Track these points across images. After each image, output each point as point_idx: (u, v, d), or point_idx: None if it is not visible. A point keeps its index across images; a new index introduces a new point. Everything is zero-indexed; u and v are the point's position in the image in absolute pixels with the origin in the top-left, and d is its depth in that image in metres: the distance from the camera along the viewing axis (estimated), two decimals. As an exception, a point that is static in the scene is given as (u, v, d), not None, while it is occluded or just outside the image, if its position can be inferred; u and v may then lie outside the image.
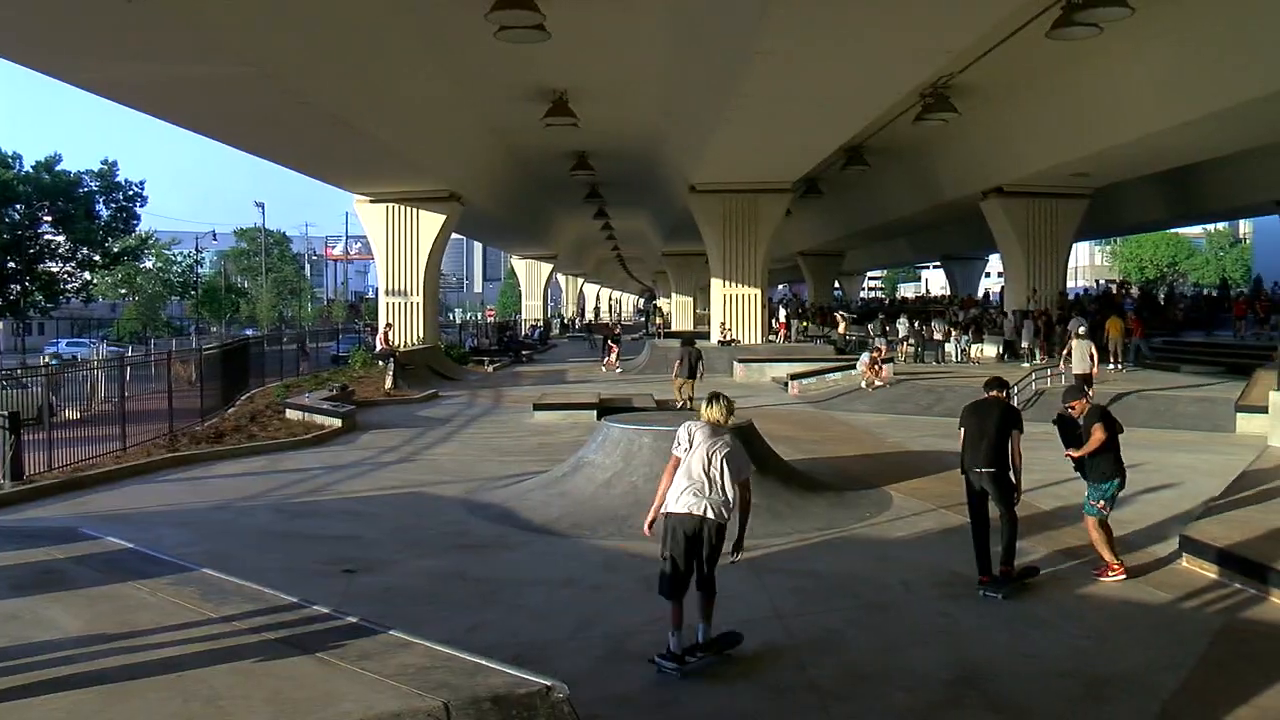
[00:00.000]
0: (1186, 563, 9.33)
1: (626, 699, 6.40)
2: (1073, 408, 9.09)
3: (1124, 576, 8.73)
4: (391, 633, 5.55)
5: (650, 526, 7.24)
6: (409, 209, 35.24)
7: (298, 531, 11.20)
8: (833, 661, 7.05)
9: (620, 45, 22.06)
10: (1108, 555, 8.80)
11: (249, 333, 54.63)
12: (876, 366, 25.71)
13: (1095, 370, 20.82)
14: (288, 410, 20.84)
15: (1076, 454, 8.88)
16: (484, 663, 5.10)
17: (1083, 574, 9.00)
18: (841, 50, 17.22)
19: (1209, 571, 9.03)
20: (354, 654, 5.17)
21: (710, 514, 6.72)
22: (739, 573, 9.18)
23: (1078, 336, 21.71)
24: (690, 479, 6.83)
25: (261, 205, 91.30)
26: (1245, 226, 79.25)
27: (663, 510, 6.96)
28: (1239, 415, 18.34)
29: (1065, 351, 21.87)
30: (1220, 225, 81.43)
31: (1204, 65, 19.77)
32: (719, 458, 6.86)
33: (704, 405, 7.19)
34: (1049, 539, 10.35)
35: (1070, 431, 9.00)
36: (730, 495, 6.83)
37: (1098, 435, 8.66)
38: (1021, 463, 8.64)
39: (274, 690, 4.69)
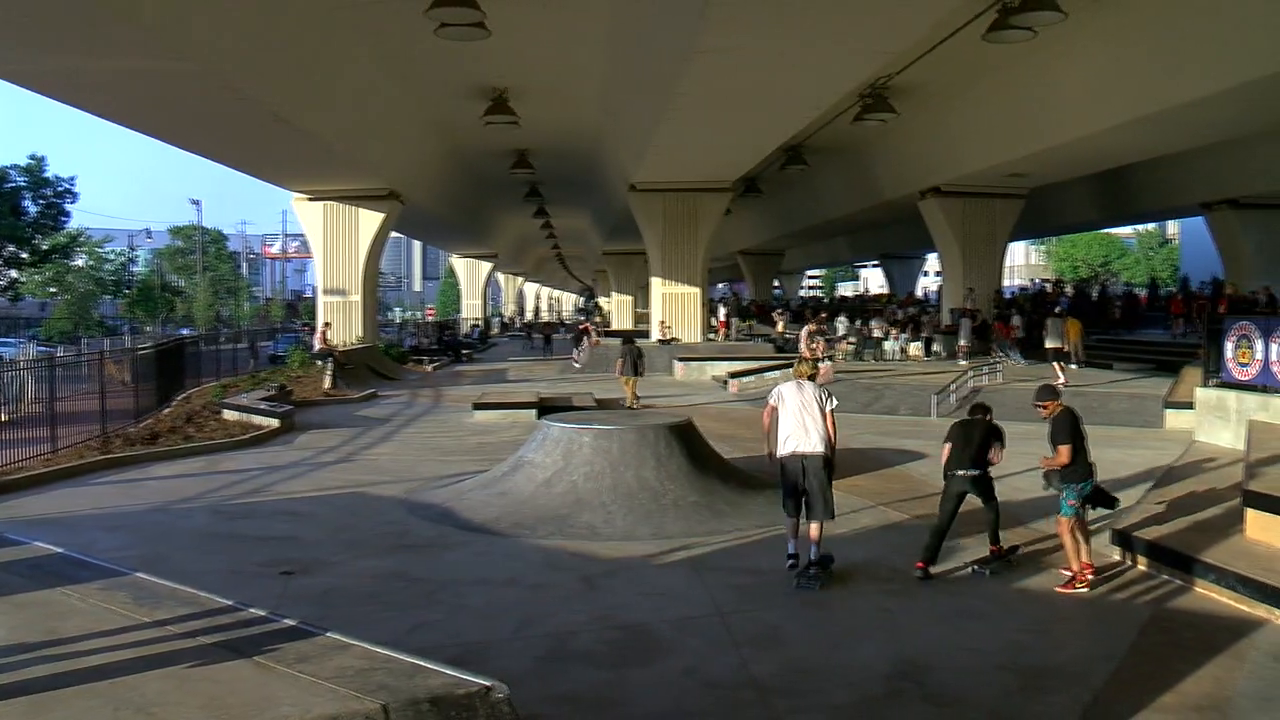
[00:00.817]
0: (1118, 555, 9.53)
1: (568, 698, 6.39)
2: (1044, 407, 9.00)
3: (1087, 590, 8.49)
4: (329, 634, 5.48)
5: (772, 458, 9.32)
6: (348, 207, 34.88)
7: (235, 533, 11.05)
8: (774, 658, 7.08)
9: (561, 43, 22.02)
10: (1076, 566, 8.57)
11: (185, 332, 53.75)
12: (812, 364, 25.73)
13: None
14: (225, 411, 20.55)
15: (1047, 467, 8.82)
16: (423, 664, 5.06)
17: (1020, 569, 9.13)
18: (781, 50, 17.30)
19: (1139, 563, 9.25)
20: (291, 657, 5.10)
21: (807, 451, 8.89)
22: (680, 571, 9.26)
23: (1054, 316, 24.36)
24: (789, 428, 9.03)
25: (198, 203, 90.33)
26: (1173, 227, 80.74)
27: (776, 454, 9.14)
28: (1167, 411, 18.70)
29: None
30: (1150, 226, 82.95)
31: (1134, 71, 20.12)
32: (811, 407, 9.07)
33: (795, 364, 10.77)
34: (984, 534, 10.46)
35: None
36: (821, 433, 8.98)
37: (1064, 454, 8.55)
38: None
39: (209, 696, 4.61)
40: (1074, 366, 25.39)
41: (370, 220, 35.12)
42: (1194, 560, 8.71)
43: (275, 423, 19.27)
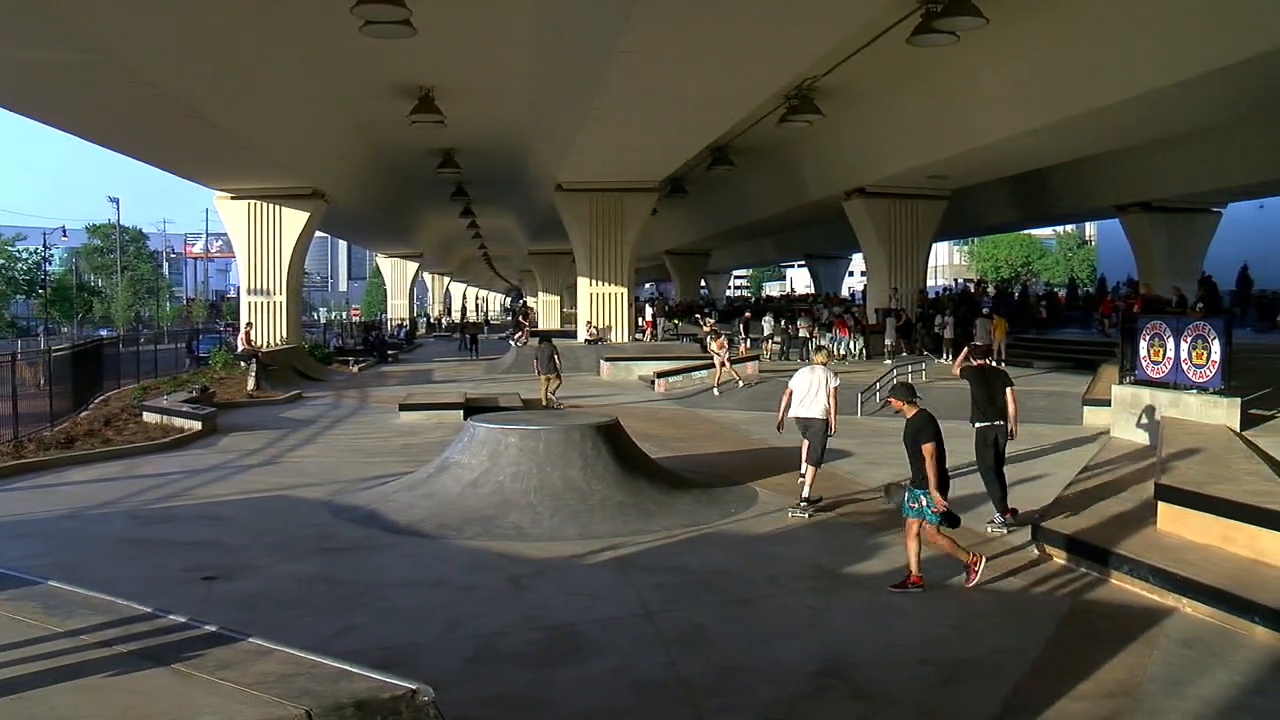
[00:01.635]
0: (1039, 550, 9.73)
1: (496, 699, 6.36)
2: (895, 405, 9.02)
3: (981, 566, 8.64)
4: (251, 640, 5.37)
5: (781, 426, 12.43)
6: (271, 206, 34.38)
7: (155, 539, 10.83)
8: (701, 656, 7.11)
9: (487, 43, 21.90)
10: (964, 555, 8.66)
11: (104, 333, 52.57)
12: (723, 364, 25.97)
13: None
14: (145, 413, 20.16)
15: (931, 478, 8.46)
16: (348, 668, 4.99)
17: (944, 565, 9.26)
18: (706, 51, 17.36)
19: (1059, 557, 9.47)
20: (212, 664, 4.99)
21: (810, 416, 11.91)
22: (607, 571, 9.26)
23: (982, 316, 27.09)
24: (802, 398, 11.97)
25: (116, 200, 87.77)
26: (1091, 229, 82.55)
27: (790, 415, 12.14)
28: (1085, 408, 19.12)
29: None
30: (1069, 227, 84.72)
31: (1051, 76, 20.55)
32: (818, 385, 11.94)
33: (814, 353, 14.20)
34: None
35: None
36: (823, 404, 11.90)
37: (931, 463, 8.41)
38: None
39: (124, 706, 4.49)
40: (999, 365, 25.89)
41: (294, 219, 34.67)
42: (1109, 553, 8.96)
43: (197, 425, 18.95)
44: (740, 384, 25.10)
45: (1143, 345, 17.14)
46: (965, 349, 11.94)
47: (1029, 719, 5.95)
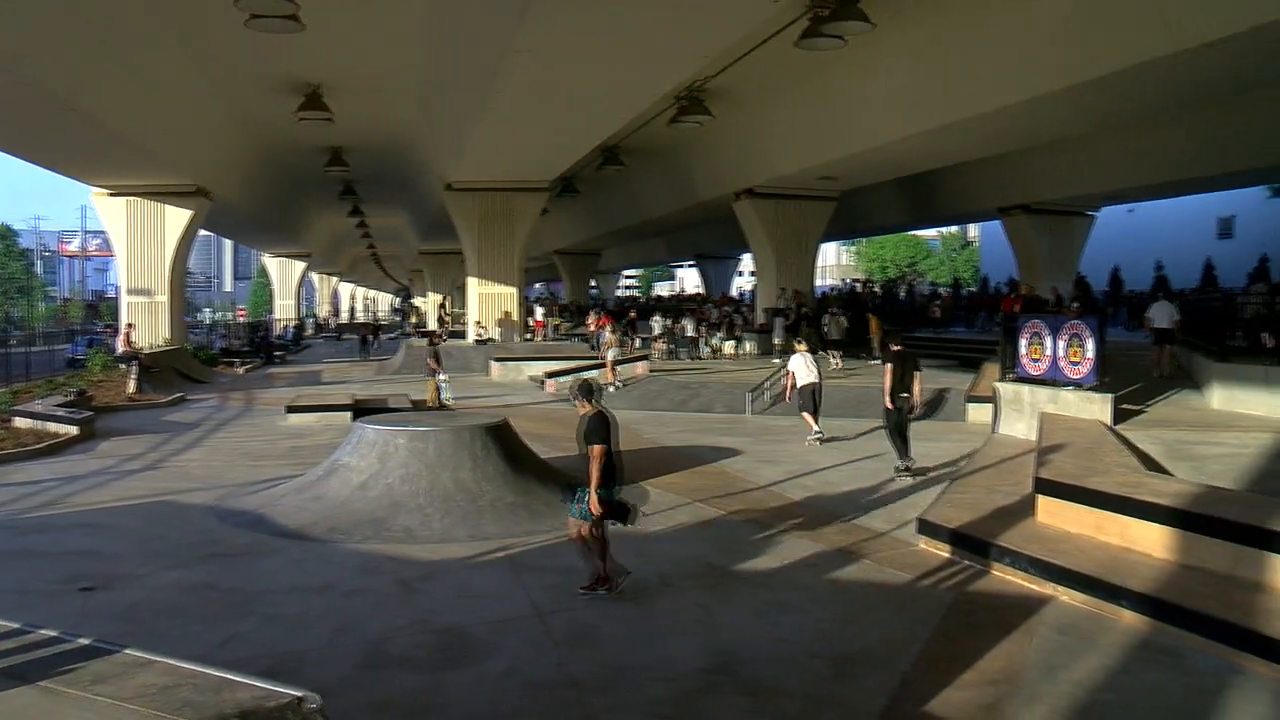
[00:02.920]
0: (924, 544, 9.97)
1: (385, 704, 6.28)
2: (577, 404, 8.96)
3: (606, 592, 8.43)
4: (128, 652, 5.19)
5: (789, 396, 18.07)
6: (152, 203, 33.40)
7: (26, 549, 10.40)
8: (591, 656, 7.11)
9: (378, 40, 21.59)
10: (603, 566, 8.52)
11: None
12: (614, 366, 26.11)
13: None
14: (16, 419, 19.38)
15: (594, 479, 8.29)
16: (231, 677, 4.87)
17: (832, 560, 9.43)
18: (600, 51, 17.37)
19: (942, 551, 9.70)
20: (87, 678, 4.81)
21: (815, 380, 17.11)
22: (498, 572, 9.22)
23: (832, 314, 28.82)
24: (805, 376, 17.18)
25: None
26: (974, 230, 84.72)
27: (797, 385, 17.27)
28: (969, 405, 19.62)
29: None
30: (953, 229, 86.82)
31: (934, 82, 21.05)
32: (810, 363, 17.34)
33: (795, 343, 18.35)
34: (797, 527, 10.79)
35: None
36: (819, 373, 17.42)
37: (596, 465, 8.32)
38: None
39: (-16, 729, 4.32)
40: (876, 361, 26.80)
41: (177, 217, 33.75)
42: (991, 545, 9.24)
43: (74, 430, 18.33)
44: (611, 387, 24.48)
45: (1023, 343, 17.67)
46: (883, 337, 13.97)
47: (917, 708, 6.08)
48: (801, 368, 17.44)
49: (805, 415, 17.26)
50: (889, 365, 13.98)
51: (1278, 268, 33.71)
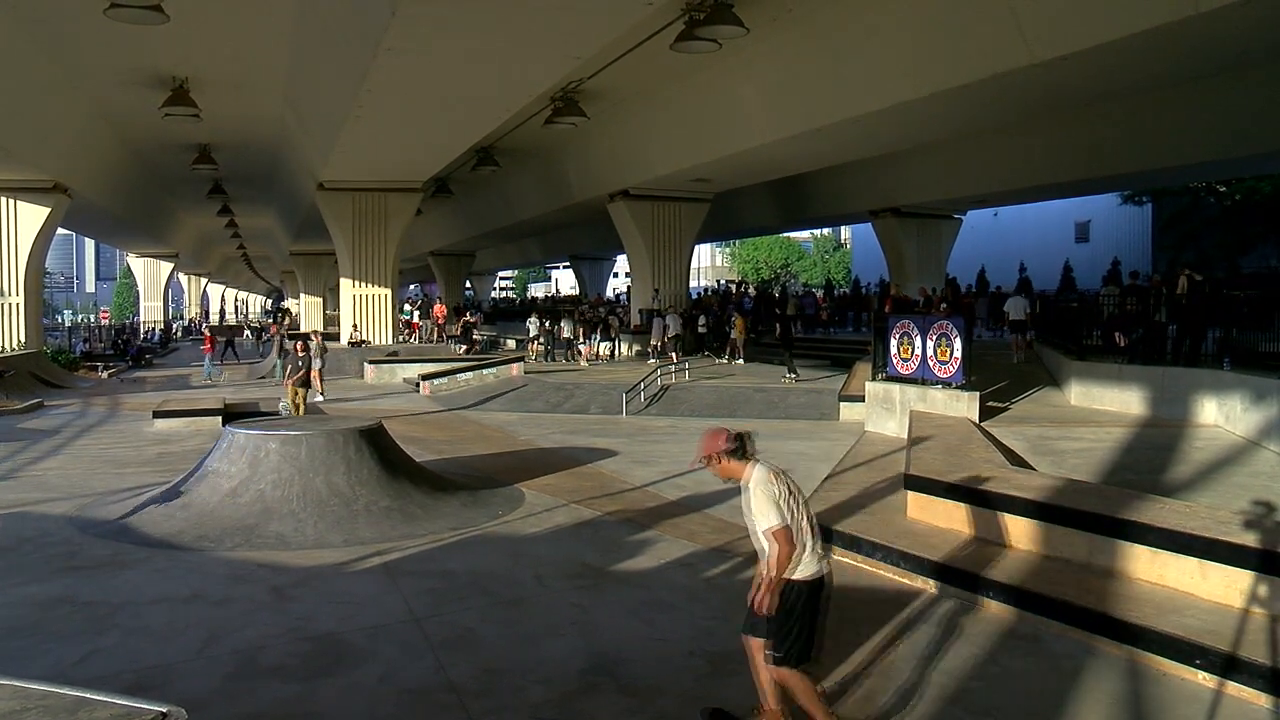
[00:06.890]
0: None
1: (257, 716, 6.10)
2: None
3: None
4: (-28, 673, 4.95)
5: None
6: (5, 200, 32.05)
7: None
8: (470, 660, 7.04)
9: (247, 34, 21.07)
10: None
11: None
12: None
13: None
14: None
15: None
16: (88, 695, 4.64)
17: (707, 559, 9.50)
18: (472, 52, 17.26)
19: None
20: (-74, 702, 4.59)
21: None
22: (374, 577, 9.07)
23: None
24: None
25: None
26: (846, 232, 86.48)
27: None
28: (842, 404, 20.01)
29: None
30: (825, 231, 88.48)
31: (805, 86, 21.44)
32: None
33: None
34: (673, 527, 10.86)
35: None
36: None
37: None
38: None
39: None
40: (739, 361, 27.62)
41: (32, 215, 32.40)
42: (863, 541, 9.44)
43: (-83, 437, 17.48)
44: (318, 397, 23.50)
45: (893, 343, 18.09)
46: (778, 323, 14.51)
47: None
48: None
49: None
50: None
51: (1128, 270, 35.13)
